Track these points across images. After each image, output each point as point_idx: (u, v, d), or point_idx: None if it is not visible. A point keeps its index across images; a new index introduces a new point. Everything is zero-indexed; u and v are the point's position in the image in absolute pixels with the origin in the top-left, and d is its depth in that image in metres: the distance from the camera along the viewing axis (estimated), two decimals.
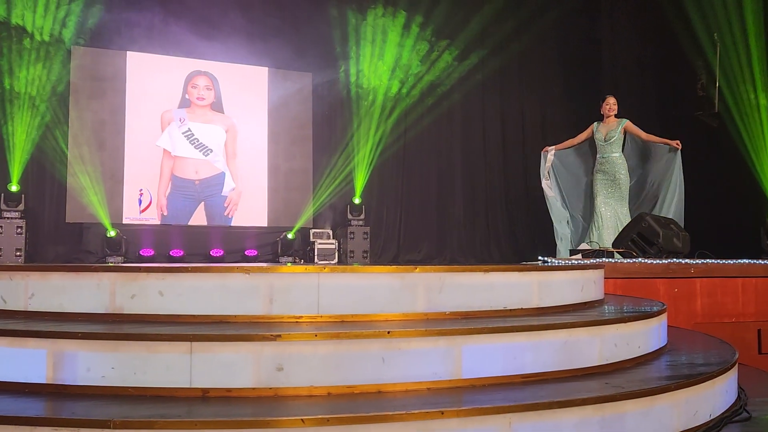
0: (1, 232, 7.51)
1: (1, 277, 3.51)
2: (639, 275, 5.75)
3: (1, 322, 3.21)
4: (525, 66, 10.90)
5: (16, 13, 7.98)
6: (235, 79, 9.24)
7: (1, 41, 7.93)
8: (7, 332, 2.95)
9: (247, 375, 2.77)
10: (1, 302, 3.49)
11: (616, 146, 6.51)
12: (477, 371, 3.00)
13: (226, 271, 3.31)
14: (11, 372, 2.87)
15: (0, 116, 7.87)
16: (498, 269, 3.65)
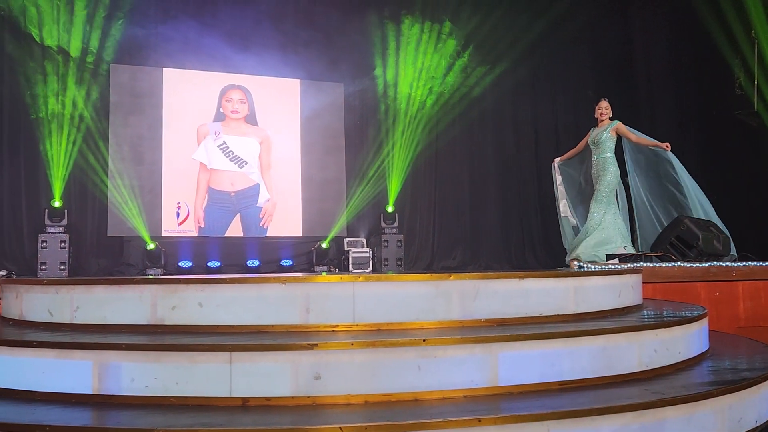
0: (46, 247, 7.74)
1: (47, 291, 3.63)
2: (679, 279, 5.64)
3: (49, 334, 3.32)
4: (556, 69, 10.82)
5: (54, 35, 8.24)
6: (268, 92, 9.37)
7: (42, 63, 8.19)
8: (54, 344, 3.05)
9: (285, 384, 2.82)
10: (48, 315, 3.61)
11: (604, 148, 6.36)
12: (514, 378, 2.99)
13: (262, 281, 3.36)
14: (59, 383, 2.96)
15: (43, 135, 8.13)
16: (533, 275, 3.63)
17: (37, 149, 8.09)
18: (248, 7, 9.19)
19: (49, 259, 7.70)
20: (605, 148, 6.31)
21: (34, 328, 3.64)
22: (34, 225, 8.02)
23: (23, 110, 8.06)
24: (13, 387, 3.05)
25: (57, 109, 8.24)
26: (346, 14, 9.62)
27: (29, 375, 3.04)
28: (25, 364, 3.07)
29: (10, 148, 8.08)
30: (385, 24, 9.84)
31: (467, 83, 10.21)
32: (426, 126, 10.09)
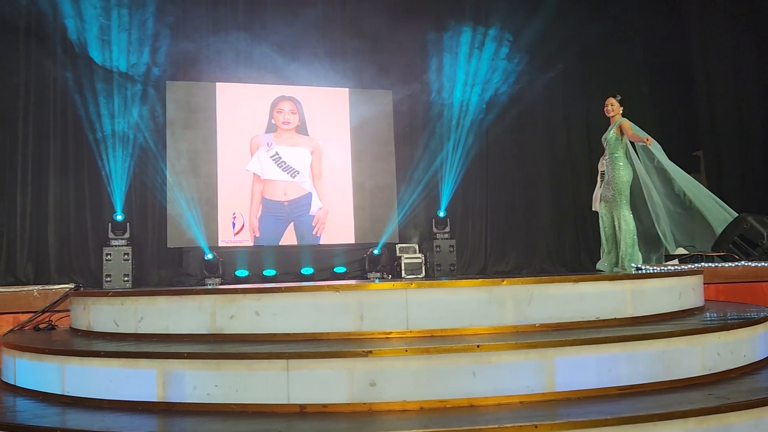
0: (110, 259, 8.04)
1: (113, 302, 3.78)
2: (743, 279, 5.46)
3: (115, 344, 3.46)
4: (609, 68, 10.60)
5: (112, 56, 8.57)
6: (318, 102, 9.51)
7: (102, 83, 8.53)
8: (120, 354, 3.18)
9: (341, 390, 2.86)
10: (114, 325, 3.76)
11: (613, 147, 6.15)
12: (570, 384, 2.95)
13: (317, 290, 3.43)
14: (126, 391, 3.09)
15: (104, 152, 8.46)
16: (588, 279, 3.58)
17: (100, 166, 8.42)
18: (296, 18, 9.36)
19: (113, 271, 8.00)
20: (614, 147, 6.12)
21: (101, 338, 3.80)
22: (99, 239, 8.34)
23: (86, 129, 8.40)
24: (84, 395, 3.20)
25: (117, 127, 8.57)
26: (393, 21, 9.67)
27: (98, 383, 3.17)
28: (93, 373, 3.21)
29: (75, 166, 8.43)
30: (432, 30, 9.85)
31: (517, 86, 10.12)
32: (476, 130, 10.05)
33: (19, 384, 3.67)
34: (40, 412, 3.08)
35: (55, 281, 7.65)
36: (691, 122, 10.44)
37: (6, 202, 8.04)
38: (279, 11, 9.35)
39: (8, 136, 8.15)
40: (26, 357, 3.62)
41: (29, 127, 8.25)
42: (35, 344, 3.68)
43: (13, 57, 8.19)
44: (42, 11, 8.25)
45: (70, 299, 4.59)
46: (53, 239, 8.23)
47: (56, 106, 8.39)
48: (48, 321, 4.71)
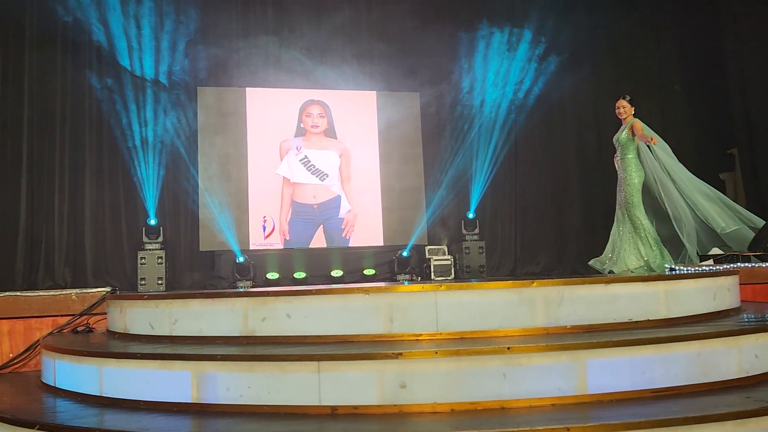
0: (145, 263, 8.19)
1: (148, 305, 3.86)
2: None
3: (150, 346, 3.53)
4: (640, 67, 10.46)
5: (144, 64, 8.74)
6: (346, 105, 9.56)
7: (135, 91, 8.70)
8: (156, 356, 3.24)
9: (372, 392, 2.88)
10: (150, 328, 3.84)
11: (625, 148, 6.03)
12: (603, 386, 2.92)
13: (346, 292, 3.45)
14: (161, 392, 3.15)
15: (138, 157, 8.62)
16: (620, 280, 3.55)
17: (133, 172, 8.58)
18: (323, 22, 9.43)
19: (147, 275, 8.15)
20: (625, 149, 6.01)
21: (137, 340, 3.88)
22: (134, 243, 8.50)
23: (120, 136, 8.57)
24: (121, 396, 3.27)
25: (150, 134, 8.73)
26: (420, 23, 9.68)
27: (134, 385, 3.25)
28: (130, 374, 3.28)
29: (110, 173, 8.60)
30: (460, 31, 9.83)
31: (546, 86, 10.04)
32: (505, 131, 9.99)
33: (58, 385, 3.77)
34: (79, 413, 3.16)
35: (91, 285, 7.82)
36: (724, 119, 10.23)
37: (44, 209, 8.25)
38: (306, 15, 9.44)
39: (46, 144, 8.36)
40: (65, 359, 3.72)
41: (66, 135, 8.45)
42: (74, 346, 3.77)
43: (51, 67, 8.40)
44: (77, 22, 8.45)
45: (106, 302, 4.69)
46: (90, 244, 8.42)
47: (91, 114, 8.58)
48: (86, 324, 4.83)
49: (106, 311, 4.72)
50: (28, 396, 3.81)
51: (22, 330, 4.94)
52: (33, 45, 8.34)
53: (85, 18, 8.47)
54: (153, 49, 8.80)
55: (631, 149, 5.93)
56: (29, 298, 4.96)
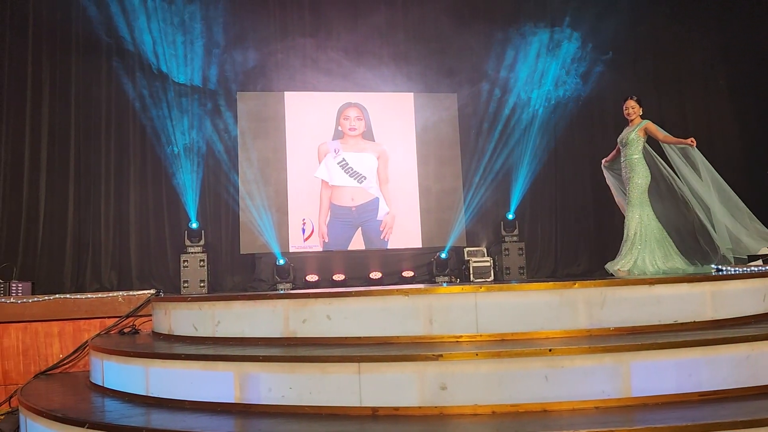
0: (187, 266, 8.35)
1: (191, 307, 3.94)
2: None
3: (194, 347, 3.60)
4: (682, 63, 10.24)
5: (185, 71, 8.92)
6: (383, 107, 9.59)
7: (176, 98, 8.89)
8: (199, 357, 3.31)
9: (412, 394, 2.88)
10: (193, 329, 3.91)
11: (631, 148, 5.85)
12: (648, 389, 2.87)
13: (386, 294, 3.46)
14: (205, 392, 3.21)
15: (180, 162, 8.81)
16: (665, 280, 3.48)
17: (175, 176, 8.77)
18: (360, 24, 9.47)
19: (190, 277, 8.31)
20: (633, 149, 5.85)
21: (181, 341, 3.96)
22: (176, 246, 8.69)
23: (162, 142, 8.77)
24: (166, 396, 3.34)
25: (191, 139, 8.92)
26: (457, 23, 9.65)
27: (179, 385, 3.31)
28: (175, 375, 3.35)
29: (153, 177, 8.81)
30: (497, 30, 9.77)
31: (585, 84, 9.90)
32: (543, 130, 9.89)
33: (106, 385, 3.87)
34: (126, 412, 3.24)
35: (136, 287, 8.01)
36: None
37: (91, 214, 8.49)
38: (343, 17, 9.50)
39: (92, 151, 8.60)
40: (113, 359, 3.82)
41: (111, 142, 8.69)
42: (121, 347, 3.87)
43: (96, 75, 8.65)
44: (119, 30, 8.68)
45: (151, 304, 4.80)
46: (134, 247, 8.63)
47: (134, 120, 8.79)
48: (132, 325, 4.95)
49: (151, 313, 4.84)
50: (77, 395, 3.92)
51: (71, 331, 5.09)
52: (79, 53, 8.60)
53: (127, 26, 8.70)
54: (193, 55, 8.99)
55: (639, 150, 5.82)
56: (78, 300, 5.10)
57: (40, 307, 5.05)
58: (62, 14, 8.51)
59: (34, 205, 8.26)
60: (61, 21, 8.51)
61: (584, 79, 9.92)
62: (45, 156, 8.37)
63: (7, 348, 4.99)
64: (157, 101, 8.81)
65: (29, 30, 8.42)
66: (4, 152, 8.23)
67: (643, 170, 5.79)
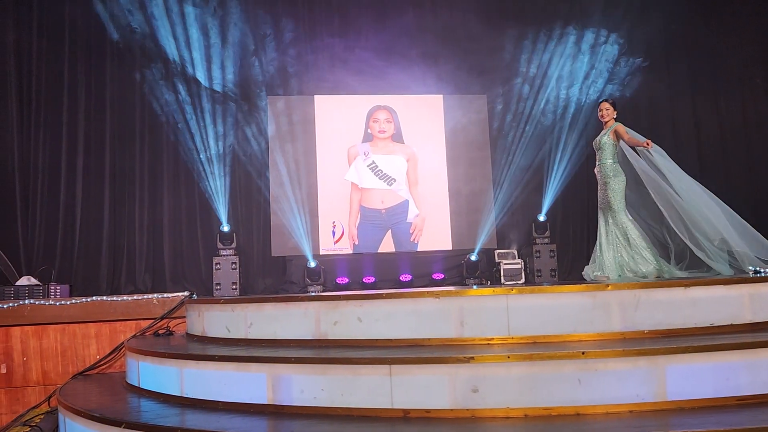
0: (219, 268, 8.46)
1: (224, 309, 3.99)
2: None
3: (227, 349, 3.65)
4: (718, 62, 10.02)
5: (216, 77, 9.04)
6: (413, 109, 9.59)
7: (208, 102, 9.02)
8: (232, 358, 3.35)
9: (443, 396, 2.87)
10: (226, 331, 3.96)
11: (604, 153, 5.72)
12: (684, 393, 2.82)
13: (417, 296, 3.46)
14: (238, 393, 3.25)
15: (212, 167, 8.93)
16: (701, 283, 3.41)
17: (208, 180, 8.89)
18: (388, 27, 9.47)
19: (222, 280, 8.41)
20: (606, 153, 5.73)
21: (215, 343, 4.01)
22: (209, 249, 8.81)
23: (194, 146, 8.90)
24: (200, 397, 3.39)
25: (223, 143, 9.04)
26: (487, 25, 9.60)
27: (213, 386, 3.36)
28: (209, 376, 3.40)
29: (186, 181, 8.93)
30: (527, 31, 9.70)
31: (617, 84, 9.77)
32: (574, 131, 9.79)
33: (142, 386, 3.94)
34: (162, 413, 3.30)
35: (170, 290, 8.13)
36: None
37: (126, 218, 8.65)
38: (372, 19, 9.51)
39: (126, 156, 8.76)
40: (148, 360, 3.88)
41: (145, 147, 8.84)
42: (156, 349, 3.94)
43: (130, 81, 8.81)
44: (152, 36, 8.84)
45: (185, 306, 4.88)
46: (168, 250, 8.76)
47: (167, 125, 8.92)
48: (166, 327, 5.03)
49: (184, 315, 4.91)
50: (114, 396, 4.00)
51: (108, 333, 5.20)
52: (113, 60, 8.77)
53: (159, 32, 8.85)
54: (224, 60, 9.10)
55: (611, 153, 5.70)
56: (114, 302, 5.21)
57: (78, 309, 5.17)
58: (96, 22, 8.69)
59: (71, 209, 8.45)
60: (95, 28, 8.70)
61: (616, 79, 9.79)
62: (81, 162, 8.56)
63: (46, 349, 5.11)
64: (189, 106, 8.95)
65: (65, 38, 8.63)
66: (42, 159, 8.44)
67: (618, 174, 5.70)
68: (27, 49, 8.52)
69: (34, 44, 8.54)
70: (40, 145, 8.46)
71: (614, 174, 5.65)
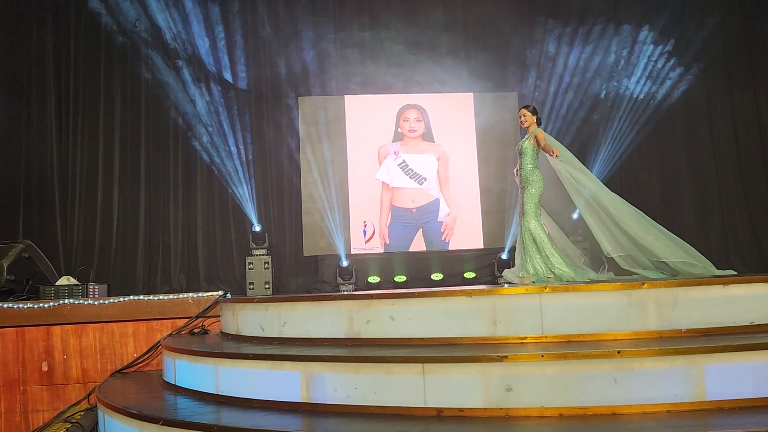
0: (252, 268, 8.56)
1: (258, 308, 4.03)
2: None
3: (261, 347, 3.68)
4: (756, 59, 9.78)
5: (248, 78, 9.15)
6: (443, 108, 9.56)
7: (241, 104, 9.14)
8: (267, 357, 3.38)
9: (477, 395, 2.86)
10: (260, 330, 4.00)
11: (526, 158, 5.64)
12: (723, 393, 2.76)
13: (449, 294, 3.46)
14: (273, 391, 3.28)
15: (244, 168, 9.04)
16: (739, 280, 3.34)
17: (241, 181, 8.99)
18: (419, 24, 9.47)
19: (255, 279, 8.51)
20: (527, 158, 5.64)
21: (249, 341, 4.06)
22: (242, 249, 8.91)
23: (227, 147, 9.01)
24: (236, 395, 3.43)
25: (255, 144, 9.15)
26: (517, 22, 9.54)
27: (248, 384, 3.40)
28: (243, 374, 3.44)
29: (219, 182, 9.06)
30: (558, 28, 9.60)
31: (651, 82, 9.62)
32: (608, 130, 9.67)
33: (179, 384, 4.01)
34: (198, 410, 3.35)
35: (204, 289, 8.24)
36: None
37: (161, 219, 8.81)
38: (402, 17, 9.52)
39: (161, 158, 8.93)
40: (184, 359, 3.94)
41: (179, 148, 9.00)
42: (191, 347, 3.99)
43: (163, 85, 8.96)
44: (182, 39, 8.99)
45: (220, 306, 4.94)
46: (202, 250, 8.90)
47: (200, 127, 9.05)
48: (201, 326, 5.10)
49: (219, 314, 4.98)
50: (151, 393, 4.07)
51: (145, 331, 5.29)
52: (148, 65, 8.94)
53: (190, 35, 9.00)
54: (256, 62, 9.23)
55: (532, 158, 5.65)
56: (150, 301, 5.30)
57: (116, 308, 5.27)
58: (131, 26, 8.87)
59: (108, 211, 8.64)
60: (131, 33, 8.87)
61: (649, 77, 9.65)
62: (117, 165, 8.74)
63: (86, 347, 5.22)
64: (221, 108, 9.08)
65: (101, 43, 8.82)
66: (80, 162, 8.65)
67: (538, 180, 5.63)
68: (65, 57, 8.75)
69: (72, 52, 8.76)
70: (78, 149, 8.68)
71: (534, 179, 5.60)
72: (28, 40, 8.58)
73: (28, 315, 5.17)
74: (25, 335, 5.18)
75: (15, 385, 5.13)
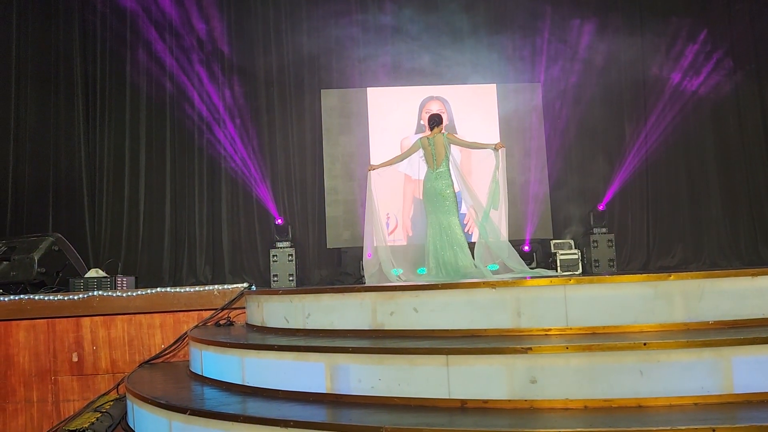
0: (276, 260, 8.62)
1: (283, 300, 4.07)
2: None
3: (286, 339, 3.72)
4: None
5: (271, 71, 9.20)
6: (466, 99, 9.50)
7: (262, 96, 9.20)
8: (291, 348, 3.42)
9: (501, 387, 2.87)
10: (285, 321, 4.04)
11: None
12: (752, 385, 2.73)
13: (473, 286, 3.46)
14: (297, 382, 3.31)
15: (268, 160, 9.11)
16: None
17: (264, 174, 9.06)
18: (441, 15, 9.42)
19: (279, 271, 8.57)
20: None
21: (274, 333, 4.10)
22: (266, 241, 8.99)
23: (250, 140, 9.08)
24: (261, 386, 3.48)
25: (280, 136, 9.21)
26: (540, 12, 9.44)
27: (273, 375, 3.44)
28: (269, 365, 3.48)
29: (242, 175, 9.13)
30: (582, 18, 9.49)
31: (676, 72, 9.47)
32: (634, 119, 9.55)
33: (205, 374, 4.07)
34: (224, 400, 3.40)
35: (229, 281, 8.35)
36: None
37: (186, 212, 8.92)
38: (423, 8, 9.47)
39: (186, 151, 9.02)
40: (211, 350, 4.00)
41: (203, 141, 9.08)
42: (217, 338, 4.05)
43: (188, 79, 9.05)
44: (208, 33, 9.06)
45: (245, 297, 5.00)
46: (227, 243, 8.99)
47: (224, 120, 9.13)
48: (227, 317, 5.17)
49: (244, 306, 5.04)
50: (178, 384, 4.14)
51: (172, 323, 5.38)
52: (173, 59, 9.02)
53: (215, 28, 9.07)
54: (279, 54, 9.26)
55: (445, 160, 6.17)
56: (177, 293, 5.38)
57: (143, 300, 5.36)
58: (157, 23, 8.96)
59: (135, 204, 8.77)
60: (156, 29, 8.96)
61: (673, 67, 9.50)
62: (144, 159, 8.86)
63: (115, 339, 5.32)
64: (245, 100, 9.14)
65: (127, 40, 8.92)
66: (107, 156, 8.78)
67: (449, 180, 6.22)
68: (92, 52, 8.88)
69: (98, 47, 8.88)
70: (105, 143, 8.80)
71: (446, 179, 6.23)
72: (56, 35, 8.72)
73: (58, 307, 5.28)
74: (56, 326, 5.30)
75: (47, 375, 5.25)
